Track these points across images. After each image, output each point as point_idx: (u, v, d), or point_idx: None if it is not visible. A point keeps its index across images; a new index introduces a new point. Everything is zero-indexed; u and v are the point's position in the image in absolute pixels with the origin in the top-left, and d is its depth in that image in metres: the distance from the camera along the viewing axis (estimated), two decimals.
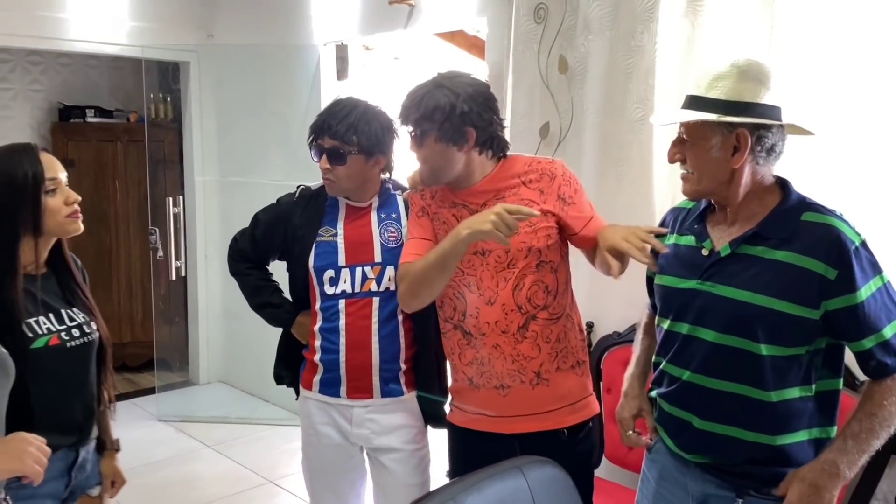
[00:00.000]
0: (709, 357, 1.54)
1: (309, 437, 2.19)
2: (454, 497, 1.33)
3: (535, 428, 1.88)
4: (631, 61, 2.61)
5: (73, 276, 1.85)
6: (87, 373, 1.83)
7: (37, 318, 1.72)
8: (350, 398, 2.09)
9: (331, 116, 2.02)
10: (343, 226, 2.10)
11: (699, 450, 1.59)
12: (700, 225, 1.63)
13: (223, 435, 4.23)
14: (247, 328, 4.93)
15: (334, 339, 2.07)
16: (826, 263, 1.44)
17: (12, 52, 4.90)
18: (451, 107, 1.78)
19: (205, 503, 3.43)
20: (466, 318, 1.88)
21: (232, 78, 4.82)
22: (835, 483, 1.46)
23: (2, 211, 1.66)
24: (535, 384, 1.86)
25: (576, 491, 1.54)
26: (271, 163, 4.63)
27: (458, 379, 1.96)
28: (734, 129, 1.48)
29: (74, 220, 1.76)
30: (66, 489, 1.79)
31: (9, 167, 1.67)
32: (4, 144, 1.73)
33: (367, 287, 2.06)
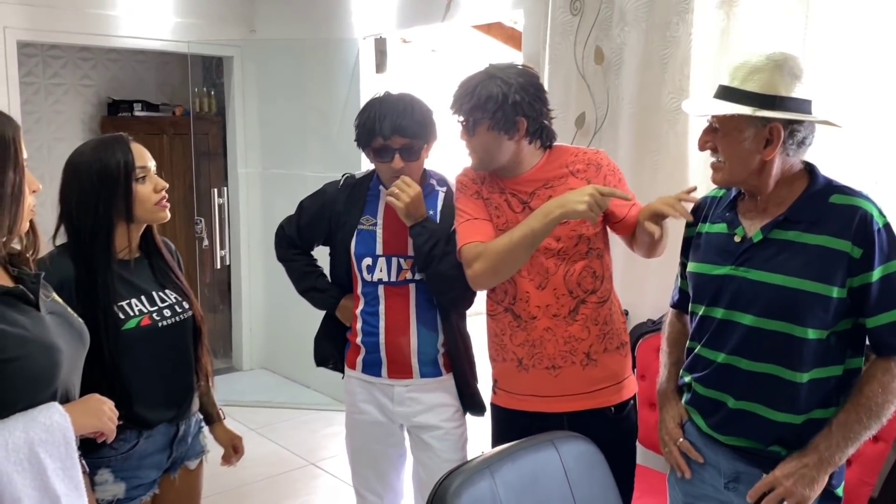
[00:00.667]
0: (744, 340, 1.58)
1: (352, 413, 2.27)
2: (490, 466, 1.40)
3: (584, 406, 1.93)
4: (666, 52, 2.64)
5: (165, 259, 1.93)
6: (182, 351, 1.91)
7: (129, 300, 1.80)
8: (391, 378, 2.17)
9: (398, 115, 2.03)
10: (383, 216, 2.16)
11: (731, 429, 1.63)
12: (731, 213, 1.67)
13: (266, 419, 4.37)
14: (288, 316, 5.07)
15: (374, 322, 2.15)
16: (853, 243, 1.49)
17: (64, 48, 5.07)
18: (503, 97, 1.83)
19: (249, 483, 3.55)
20: (517, 301, 1.93)
21: (274, 72, 4.92)
22: (822, 467, 1.52)
23: (97, 198, 1.75)
24: (584, 365, 1.92)
25: (606, 466, 1.60)
26: (311, 155, 4.73)
27: (507, 359, 1.99)
28: (768, 123, 1.52)
29: (163, 208, 1.84)
30: (167, 460, 1.89)
31: (103, 156, 1.76)
32: (98, 136, 1.83)
33: (403, 276, 2.13)
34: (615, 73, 2.82)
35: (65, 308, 1.48)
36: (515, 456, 1.47)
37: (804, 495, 1.52)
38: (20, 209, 1.31)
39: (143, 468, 1.82)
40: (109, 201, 1.76)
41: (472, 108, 1.85)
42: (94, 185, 1.75)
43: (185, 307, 1.91)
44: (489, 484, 1.39)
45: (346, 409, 2.30)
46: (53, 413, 1.29)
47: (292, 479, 3.68)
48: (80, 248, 1.77)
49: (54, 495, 1.27)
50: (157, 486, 1.88)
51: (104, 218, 1.76)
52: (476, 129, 1.87)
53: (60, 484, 1.28)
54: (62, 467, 1.28)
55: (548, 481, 1.50)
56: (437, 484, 1.39)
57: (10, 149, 1.28)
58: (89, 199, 1.75)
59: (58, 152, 5.06)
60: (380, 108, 2.06)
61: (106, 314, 1.74)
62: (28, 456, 1.24)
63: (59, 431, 1.28)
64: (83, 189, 1.76)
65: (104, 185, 1.75)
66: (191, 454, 1.97)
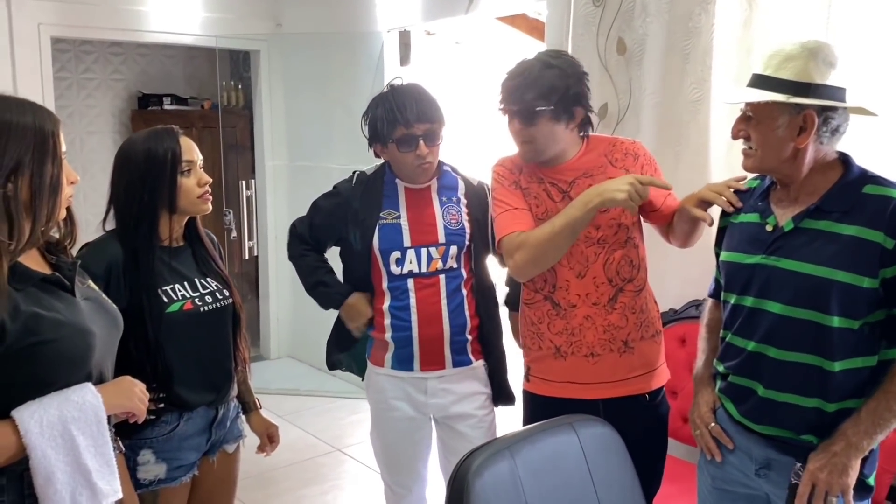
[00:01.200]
0: (774, 328, 1.59)
1: (381, 411, 2.27)
2: (510, 447, 1.44)
3: (620, 393, 1.95)
4: (688, 42, 2.65)
5: (207, 249, 1.99)
6: (221, 336, 1.96)
7: (173, 285, 1.86)
8: (423, 371, 2.18)
9: (414, 103, 2.07)
10: (405, 208, 2.19)
11: (761, 417, 1.63)
12: (764, 202, 1.67)
13: (293, 406, 4.45)
14: (314, 306, 5.12)
15: (405, 316, 2.16)
16: (885, 233, 1.48)
17: (95, 44, 5.17)
18: (566, 87, 1.85)
19: (277, 468, 3.63)
20: (557, 290, 1.94)
21: (299, 65, 4.98)
22: (851, 453, 1.51)
23: (142, 186, 1.82)
24: (622, 352, 1.94)
25: (625, 449, 1.63)
26: (337, 147, 4.78)
27: (543, 348, 1.99)
28: (802, 110, 1.52)
29: (205, 201, 1.90)
30: (207, 443, 1.95)
31: (152, 146, 1.83)
32: (150, 128, 1.89)
33: (434, 267, 2.15)
34: (637, 63, 2.83)
35: (99, 294, 1.53)
36: (535, 438, 1.50)
37: (841, 483, 1.51)
38: (58, 200, 1.37)
39: (183, 450, 1.88)
40: (155, 190, 1.82)
41: (535, 98, 1.85)
42: (142, 173, 1.82)
43: (226, 294, 1.96)
44: (509, 464, 1.43)
45: (374, 405, 2.30)
46: (86, 393, 1.35)
47: (318, 465, 3.76)
48: (125, 232, 1.84)
49: (85, 470, 1.32)
50: (196, 468, 1.93)
51: (149, 205, 1.83)
52: (538, 120, 1.87)
53: (92, 460, 1.33)
54: (94, 444, 1.34)
55: (567, 463, 1.53)
56: (458, 463, 1.43)
57: (50, 142, 1.34)
58: (136, 186, 1.82)
59: (90, 145, 5.18)
60: (395, 100, 2.09)
61: (150, 297, 1.80)
62: (61, 432, 1.29)
63: (91, 410, 1.34)
64: (131, 176, 1.83)
65: (151, 173, 1.82)
66: (229, 438, 2.02)
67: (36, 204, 1.32)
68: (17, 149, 1.30)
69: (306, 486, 3.52)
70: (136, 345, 1.73)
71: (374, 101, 2.16)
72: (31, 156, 1.31)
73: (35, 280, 1.36)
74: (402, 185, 2.20)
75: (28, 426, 1.26)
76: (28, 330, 1.29)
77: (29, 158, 1.31)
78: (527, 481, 1.44)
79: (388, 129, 2.09)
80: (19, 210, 1.31)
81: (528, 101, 1.85)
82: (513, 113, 1.90)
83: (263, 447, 2.18)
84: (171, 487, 1.87)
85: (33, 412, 1.28)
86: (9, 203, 1.29)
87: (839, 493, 1.52)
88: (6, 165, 1.29)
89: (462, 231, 2.18)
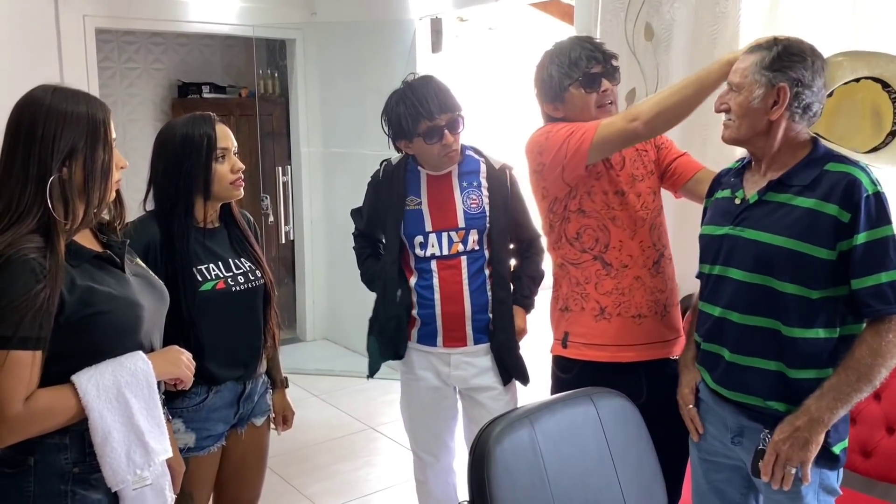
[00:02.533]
0: (736, 294, 1.68)
1: (409, 380, 2.39)
2: (529, 416, 1.51)
3: (659, 355, 2.03)
4: (715, 27, 2.67)
5: (243, 231, 2.08)
6: (252, 315, 2.04)
7: (207, 265, 1.95)
8: (446, 347, 2.29)
9: (433, 95, 2.16)
10: (426, 194, 2.28)
11: (730, 383, 1.71)
12: (737, 178, 1.78)
13: (328, 386, 4.57)
14: (349, 289, 5.24)
15: (429, 295, 2.27)
16: (840, 207, 1.56)
17: (137, 34, 5.32)
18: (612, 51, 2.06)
19: (312, 445, 3.76)
20: (609, 250, 2.01)
21: (334, 53, 5.07)
22: (813, 427, 1.57)
23: (179, 170, 1.92)
24: (662, 316, 2.03)
25: (642, 421, 1.69)
26: (370, 134, 4.85)
27: (585, 308, 2.04)
28: (776, 85, 1.61)
29: (238, 187, 1.99)
30: (234, 416, 2.03)
31: (188, 131, 1.93)
32: (189, 114, 1.99)
33: (455, 249, 2.25)
34: (665, 49, 2.86)
35: (147, 271, 1.64)
36: (554, 408, 1.58)
37: (801, 457, 1.58)
38: (109, 183, 1.47)
39: (211, 421, 1.98)
40: (190, 173, 1.92)
41: (613, 58, 2.04)
42: (178, 158, 1.92)
43: (258, 275, 2.05)
44: (529, 432, 1.51)
45: (403, 376, 2.42)
46: (138, 360, 1.46)
47: (352, 442, 3.87)
48: (163, 214, 1.94)
49: (139, 431, 1.43)
50: (224, 440, 2.03)
51: (184, 189, 1.93)
52: (616, 80, 2.05)
53: (144, 421, 1.44)
54: (146, 407, 1.45)
55: (585, 433, 1.60)
56: (480, 431, 1.51)
57: (102, 129, 1.44)
58: (173, 170, 1.93)
59: (132, 133, 5.34)
60: (414, 95, 2.17)
61: (185, 275, 1.90)
62: (116, 396, 1.40)
63: (142, 376, 1.45)
64: (168, 160, 1.94)
65: (187, 157, 1.92)
66: (257, 412, 2.11)
67: (89, 187, 1.43)
68: (72, 136, 1.40)
69: (340, 462, 3.64)
70: (170, 320, 1.83)
71: (391, 98, 2.23)
72: (85, 142, 1.41)
73: (88, 257, 1.46)
74: (423, 173, 2.30)
75: (86, 389, 1.37)
76: (84, 302, 1.40)
77: (82, 145, 1.41)
78: (546, 449, 1.51)
79: (412, 125, 2.16)
80: (74, 193, 1.41)
81: (609, 54, 2.01)
82: (604, 72, 2.02)
83: (276, 425, 2.25)
84: (200, 456, 1.97)
85: (90, 377, 1.39)
86: (64, 186, 1.40)
87: (798, 465, 1.59)
88: (62, 151, 1.39)
89: (482, 215, 2.26)
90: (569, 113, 2.05)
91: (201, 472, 1.99)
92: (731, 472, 1.79)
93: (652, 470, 1.68)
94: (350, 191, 5.23)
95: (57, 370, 1.38)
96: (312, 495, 3.33)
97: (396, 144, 2.28)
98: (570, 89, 2.00)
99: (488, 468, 1.44)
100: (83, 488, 1.42)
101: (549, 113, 2.11)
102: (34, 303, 1.31)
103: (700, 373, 1.83)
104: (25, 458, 1.40)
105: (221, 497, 2.14)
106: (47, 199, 1.37)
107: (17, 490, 1.40)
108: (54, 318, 1.35)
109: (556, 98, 2.04)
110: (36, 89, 1.43)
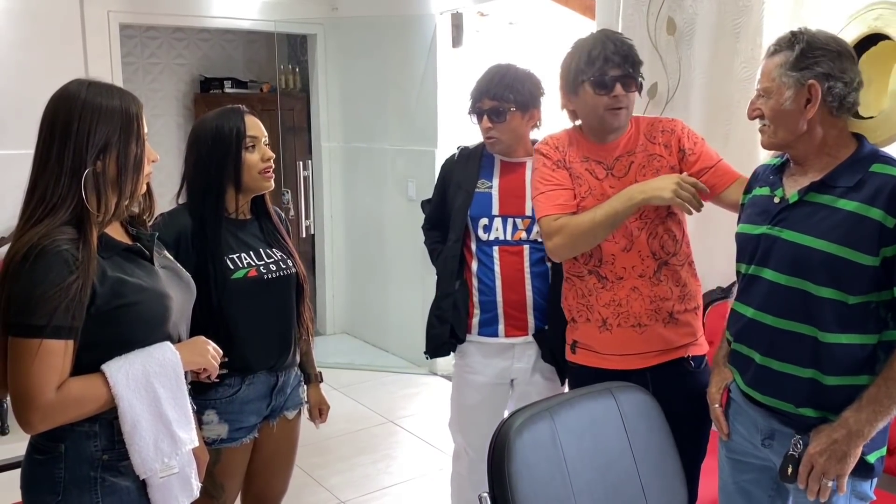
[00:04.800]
0: (769, 296, 1.62)
1: (464, 374, 2.39)
2: (550, 409, 1.52)
3: (665, 359, 2.01)
4: (739, 21, 2.65)
5: (274, 223, 2.11)
6: (284, 304, 2.06)
7: (238, 254, 1.98)
8: (508, 336, 2.30)
9: (488, 81, 2.24)
10: (498, 179, 2.32)
11: (762, 386, 1.67)
12: (776, 176, 1.71)
13: (348, 380, 4.61)
14: (369, 284, 5.29)
15: (490, 279, 2.29)
16: (885, 212, 1.49)
17: (160, 29, 5.37)
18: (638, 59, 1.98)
19: (332, 437, 3.79)
20: (602, 264, 2.01)
21: (354, 48, 5.09)
22: (852, 441, 1.53)
23: (209, 160, 1.96)
24: (667, 323, 2.00)
25: (663, 416, 1.69)
26: (390, 128, 4.89)
27: (591, 320, 2.04)
28: (805, 82, 1.56)
29: (267, 178, 2.01)
30: (267, 408, 2.05)
31: (219, 123, 1.96)
32: (220, 108, 2.02)
33: (518, 236, 2.27)
34: (687, 43, 2.84)
35: (174, 263, 1.67)
36: (575, 402, 1.59)
37: (838, 469, 1.54)
38: (140, 177, 1.50)
39: (244, 412, 2.00)
40: (221, 164, 1.95)
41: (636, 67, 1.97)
42: (209, 149, 1.95)
43: (289, 264, 2.07)
44: (549, 425, 1.52)
45: (457, 369, 2.42)
46: (166, 350, 1.48)
47: (372, 435, 3.91)
48: (194, 204, 1.98)
49: (166, 420, 1.46)
50: (256, 431, 2.05)
51: (215, 179, 1.96)
52: (632, 89, 1.97)
53: (171, 411, 1.47)
54: (173, 397, 1.47)
55: (605, 427, 1.61)
56: (501, 422, 1.52)
57: (134, 124, 1.47)
58: (204, 161, 1.96)
59: (155, 128, 5.39)
60: (484, 75, 2.28)
61: (216, 264, 1.93)
62: (144, 385, 1.43)
63: (170, 366, 1.47)
64: (200, 151, 1.97)
65: (218, 148, 1.95)
66: (289, 405, 2.12)
67: (121, 180, 1.45)
68: (106, 129, 1.43)
69: (360, 455, 3.67)
70: (201, 310, 1.84)
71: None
72: (118, 136, 1.44)
73: (119, 249, 1.49)
74: (498, 159, 2.34)
75: (116, 378, 1.40)
76: (114, 293, 1.42)
77: (116, 138, 1.44)
78: (566, 442, 1.52)
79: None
80: (107, 185, 1.44)
81: (628, 68, 1.94)
82: (620, 76, 1.94)
83: (313, 419, 2.29)
84: (233, 447, 1.99)
85: (120, 366, 1.42)
86: (98, 179, 1.43)
87: (834, 478, 1.55)
88: (96, 144, 1.42)
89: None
90: (579, 108, 2.02)
91: (233, 463, 2.01)
92: (759, 472, 1.76)
93: (673, 465, 1.68)
94: (370, 185, 5.30)
95: (88, 359, 1.41)
96: (332, 487, 3.36)
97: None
98: (583, 86, 1.97)
99: (508, 461, 1.45)
100: (112, 475, 1.45)
101: (563, 103, 2.10)
102: (67, 293, 1.34)
103: (731, 373, 1.80)
104: (56, 445, 1.43)
105: (250, 489, 2.17)
106: (81, 192, 1.40)
107: (48, 476, 1.43)
108: (86, 309, 1.38)
109: (571, 91, 2.01)
110: (71, 83, 1.46)
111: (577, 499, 1.51)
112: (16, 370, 1.35)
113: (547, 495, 1.49)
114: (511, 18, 6.18)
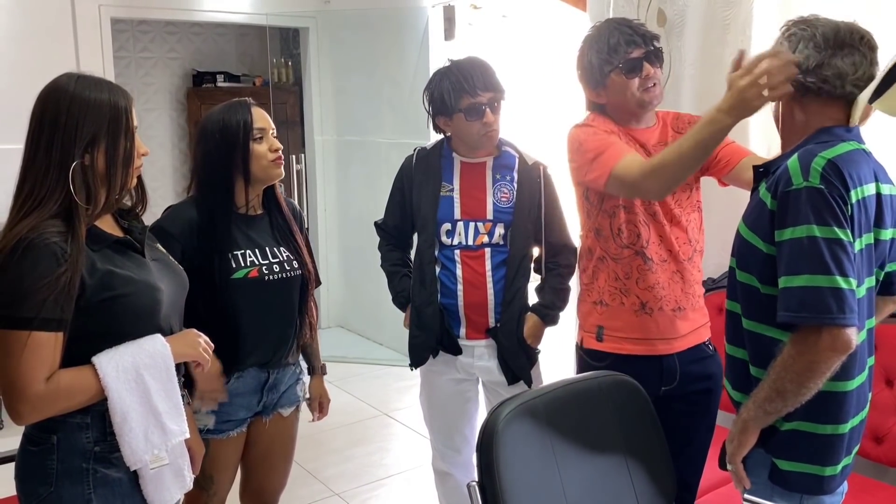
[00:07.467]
0: (729, 283, 1.60)
1: (430, 372, 2.38)
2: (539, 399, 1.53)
3: (694, 342, 2.03)
4: (728, 13, 2.66)
5: (286, 218, 2.09)
6: (285, 305, 2.05)
7: (244, 251, 1.97)
8: (469, 339, 2.29)
9: (480, 73, 2.16)
10: (459, 181, 2.27)
11: (727, 372, 1.65)
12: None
13: (342, 373, 4.61)
14: (362, 278, 5.29)
15: (452, 283, 2.27)
16: (772, 196, 1.45)
17: (152, 23, 5.36)
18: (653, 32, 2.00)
19: (327, 430, 3.77)
20: (649, 244, 1.99)
21: (347, 42, 5.08)
22: (739, 427, 1.51)
23: (218, 153, 1.96)
24: (695, 308, 2.04)
25: (651, 405, 1.71)
26: (384, 122, 4.89)
27: (626, 304, 2.00)
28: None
29: (277, 166, 2.00)
30: (258, 404, 2.05)
31: (226, 117, 1.96)
32: (227, 101, 2.02)
33: (480, 241, 2.25)
34: (677, 35, 2.85)
35: (167, 256, 1.67)
36: (563, 392, 1.60)
37: (730, 451, 1.54)
38: (130, 170, 1.50)
39: (232, 406, 2.00)
40: (229, 156, 1.95)
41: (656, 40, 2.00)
42: (217, 142, 1.95)
43: (295, 265, 2.06)
44: (538, 415, 1.53)
45: (424, 369, 2.40)
46: (156, 342, 1.49)
47: (366, 427, 3.93)
48: (203, 198, 1.98)
49: (156, 412, 1.47)
50: (245, 426, 2.05)
51: (224, 172, 1.96)
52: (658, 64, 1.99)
53: (162, 403, 1.48)
54: (163, 389, 1.48)
55: (594, 416, 1.62)
56: (489, 412, 1.54)
57: (123, 117, 1.47)
58: (212, 155, 1.97)
59: (147, 122, 5.39)
60: (459, 72, 2.16)
61: (221, 259, 1.93)
62: (135, 377, 1.44)
63: (160, 358, 1.48)
64: (207, 145, 1.97)
65: (225, 141, 1.95)
66: (285, 402, 2.11)
67: (110, 174, 1.45)
68: (95, 123, 1.43)
69: (354, 447, 3.69)
70: (204, 304, 1.85)
71: (436, 75, 2.22)
72: (107, 130, 1.44)
73: (109, 242, 1.50)
74: (458, 160, 2.29)
75: (106, 370, 1.41)
76: (104, 285, 1.43)
77: (105, 132, 1.44)
78: (554, 432, 1.53)
79: (454, 100, 2.14)
80: (96, 179, 1.44)
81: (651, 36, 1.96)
82: (645, 55, 1.94)
83: (312, 410, 2.28)
84: (219, 439, 2.00)
85: (110, 358, 1.43)
86: (86, 173, 1.43)
87: (732, 462, 1.55)
88: (84, 138, 1.42)
89: (511, 209, 2.24)
90: (611, 98, 1.99)
91: (222, 455, 2.02)
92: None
93: (661, 454, 1.70)
94: (364, 179, 5.30)
95: (79, 351, 1.42)
96: (327, 479, 3.38)
97: (436, 122, 2.25)
98: (611, 76, 1.94)
99: (497, 450, 1.46)
100: (104, 466, 1.46)
101: (593, 100, 2.06)
102: (56, 286, 1.34)
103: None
104: (49, 436, 1.44)
105: (248, 484, 2.18)
106: (70, 185, 1.40)
107: (41, 467, 1.44)
108: (75, 301, 1.38)
109: (598, 85, 1.98)
110: (60, 77, 1.46)
111: (566, 487, 1.52)
112: (5, 362, 1.36)
113: (535, 484, 1.50)
114: (503, 11, 6.19)
